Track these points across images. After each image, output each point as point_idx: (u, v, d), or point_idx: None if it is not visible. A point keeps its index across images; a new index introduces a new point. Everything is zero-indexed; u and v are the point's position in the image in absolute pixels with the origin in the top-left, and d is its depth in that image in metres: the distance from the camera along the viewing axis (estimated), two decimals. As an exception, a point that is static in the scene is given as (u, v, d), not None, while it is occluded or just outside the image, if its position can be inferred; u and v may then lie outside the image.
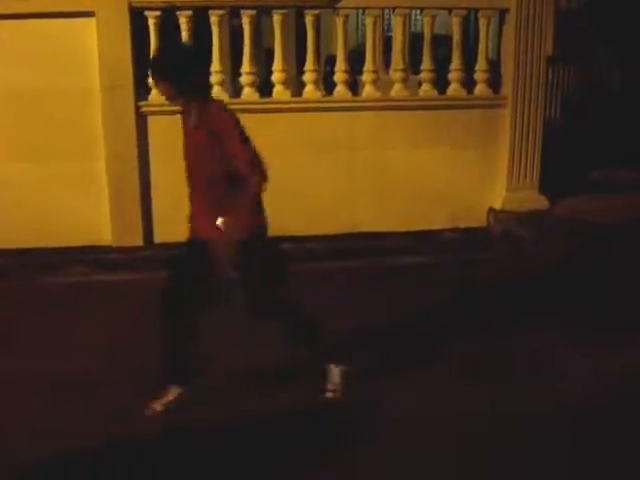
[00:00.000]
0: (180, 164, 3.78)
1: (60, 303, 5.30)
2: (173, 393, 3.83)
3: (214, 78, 6.51)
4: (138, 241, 6.51)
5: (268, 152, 4.16)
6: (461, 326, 4.79)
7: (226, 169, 3.56)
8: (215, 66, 6.48)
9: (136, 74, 6.33)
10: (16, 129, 6.34)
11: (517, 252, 6.41)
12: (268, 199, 4.08)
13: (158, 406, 3.79)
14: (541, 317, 4.88)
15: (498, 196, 7.00)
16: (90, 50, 6.27)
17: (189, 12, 6.35)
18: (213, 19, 6.42)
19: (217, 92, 6.43)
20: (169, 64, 3.60)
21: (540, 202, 7.02)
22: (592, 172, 7.33)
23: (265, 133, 4.30)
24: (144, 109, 6.36)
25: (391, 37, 8.27)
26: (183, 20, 6.35)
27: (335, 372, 3.91)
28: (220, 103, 3.83)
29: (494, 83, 7.02)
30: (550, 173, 7.09)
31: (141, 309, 4.91)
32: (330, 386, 3.91)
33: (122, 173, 6.38)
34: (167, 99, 3.68)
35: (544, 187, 7.06)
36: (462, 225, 6.92)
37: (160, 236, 6.50)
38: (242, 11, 6.49)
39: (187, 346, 3.76)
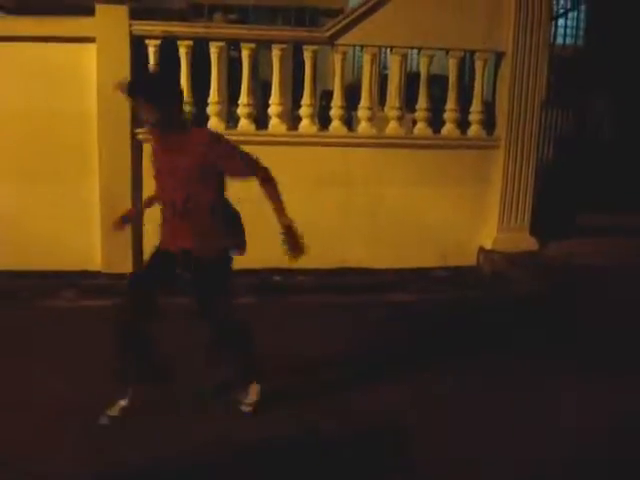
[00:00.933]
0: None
1: (47, 327, 5.25)
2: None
3: (212, 109, 6.56)
4: (127, 268, 6.48)
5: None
6: (440, 365, 4.74)
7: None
8: (213, 97, 6.53)
9: (133, 101, 6.36)
10: (11, 150, 6.34)
11: (506, 292, 6.41)
12: (259, 230, 4.12)
13: None
14: (528, 359, 4.86)
15: (489, 236, 7.05)
16: (89, 75, 6.31)
17: (189, 42, 6.41)
18: (213, 50, 6.47)
19: (214, 123, 6.49)
20: (163, 87, 3.62)
21: (530, 243, 7.07)
22: (583, 215, 7.39)
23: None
24: (140, 136, 6.38)
25: (387, 74, 8.39)
26: (183, 50, 6.41)
27: (255, 389, 4.05)
28: (210, 135, 3.79)
29: (488, 124, 7.09)
30: (541, 215, 7.16)
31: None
32: (248, 401, 4.04)
33: (115, 199, 6.36)
34: (148, 124, 3.65)
35: (535, 228, 7.12)
36: (452, 263, 6.95)
37: (150, 263, 6.47)
38: (242, 44, 6.56)
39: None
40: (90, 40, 6.26)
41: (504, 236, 7.01)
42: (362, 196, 6.83)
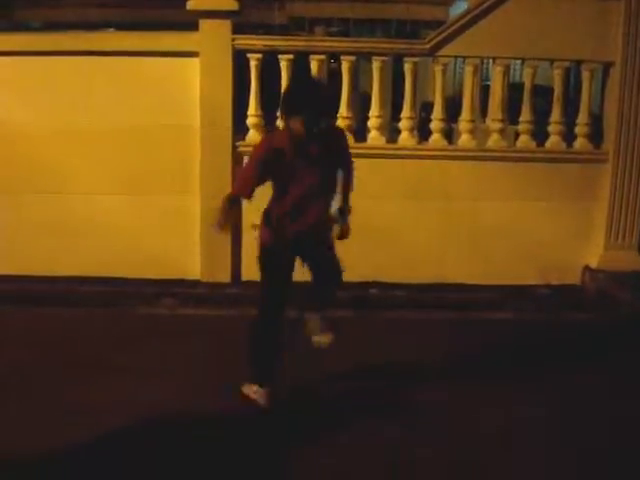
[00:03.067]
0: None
1: (152, 334, 5.38)
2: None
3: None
4: (226, 278, 6.58)
5: (359, 196, 4.22)
6: (540, 391, 4.52)
7: None
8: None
9: (235, 114, 6.47)
10: (116, 163, 6.56)
11: (613, 314, 6.12)
12: (357, 243, 4.10)
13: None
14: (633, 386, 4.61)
15: (594, 254, 6.75)
16: (192, 89, 6.45)
17: (290, 56, 6.46)
18: (313, 64, 6.50)
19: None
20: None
21: (639, 263, 6.73)
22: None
23: (357, 177, 4.28)
24: (241, 149, 6.47)
25: (488, 86, 8.21)
26: (284, 64, 6.47)
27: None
28: None
29: (595, 137, 6.82)
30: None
31: (225, 344, 5.06)
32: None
33: (215, 209, 6.47)
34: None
35: (644, 248, 6.79)
36: (555, 282, 6.69)
37: (247, 274, 6.56)
38: (342, 57, 6.57)
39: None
40: (194, 54, 6.41)
41: (611, 255, 6.69)
42: (461, 210, 6.68)
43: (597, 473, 3.66)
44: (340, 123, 6.38)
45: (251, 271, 6.49)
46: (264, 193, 4.04)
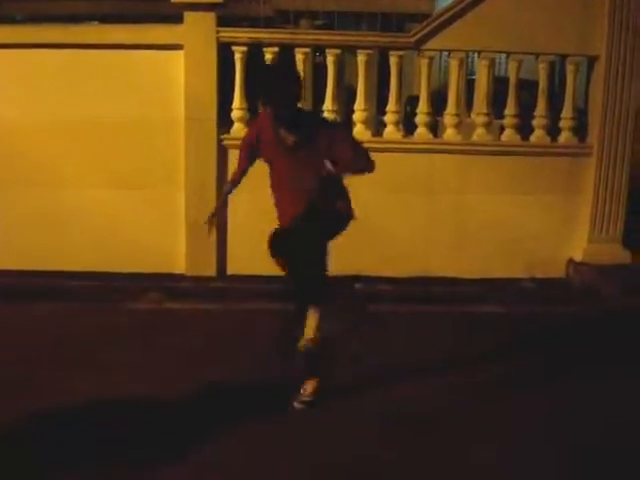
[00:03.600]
0: (257, 197, 4.36)
1: (137, 328, 5.37)
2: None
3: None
4: (211, 271, 6.56)
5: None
6: (518, 382, 4.54)
7: None
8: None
9: (219, 107, 6.44)
10: (101, 157, 6.51)
11: (596, 307, 6.16)
12: (342, 237, 4.10)
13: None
14: (625, 380, 4.63)
15: (579, 247, 6.79)
16: (176, 82, 6.41)
17: (275, 49, 6.44)
18: (298, 57, 6.48)
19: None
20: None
21: (623, 256, 6.77)
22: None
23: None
24: (226, 142, 6.45)
25: (473, 79, 8.22)
26: (269, 57, 6.44)
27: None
28: None
29: (580, 131, 6.85)
30: (634, 226, 6.84)
31: (209, 338, 5.06)
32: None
33: (200, 203, 6.45)
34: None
35: (627, 241, 6.81)
36: (539, 275, 6.72)
37: (233, 268, 6.55)
38: (327, 50, 6.55)
39: None
40: (178, 47, 6.37)
41: (595, 248, 6.73)
42: (447, 203, 6.69)
43: (589, 466, 3.69)
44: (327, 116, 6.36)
45: (236, 265, 6.55)
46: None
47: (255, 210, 5.71)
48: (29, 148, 6.46)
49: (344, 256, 4.37)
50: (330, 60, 6.54)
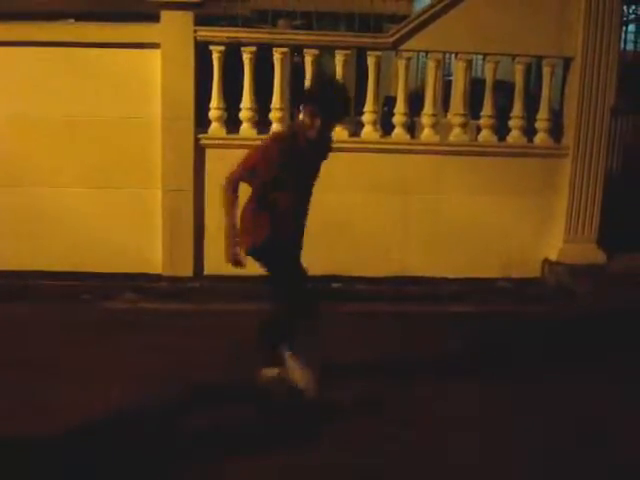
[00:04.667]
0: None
1: (112, 328, 5.34)
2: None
3: (273, 114, 6.54)
4: (188, 272, 6.53)
5: (323, 190, 4.22)
6: (500, 382, 4.58)
7: None
8: (275, 103, 6.52)
9: (197, 106, 6.41)
10: (77, 156, 6.45)
11: (572, 307, 6.22)
12: (319, 237, 4.08)
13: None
14: (592, 376, 4.69)
15: (554, 247, 6.84)
16: (153, 81, 6.36)
17: (253, 48, 6.42)
18: (276, 56, 6.47)
19: (276, 128, 6.46)
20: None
21: (598, 256, 6.83)
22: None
23: (321, 171, 4.28)
24: (203, 141, 6.42)
25: (450, 80, 8.25)
26: (246, 56, 6.42)
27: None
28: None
29: (555, 132, 6.90)
30: (609, 227, 6.91)
31: (185, 338, 5.07)
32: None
33: (177, 203, 6.43)
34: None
35: (602, 241, 6.88)
36: (515, 275, 6.77)
37: (210, 268, 6.52)
38: (305, 49, 6.55)
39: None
40: (155, 46, 6.33)
41: (570, 248, 6.79)
42: (423, 204, 6.71)
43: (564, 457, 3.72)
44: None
45: (214, 265, 6.51)
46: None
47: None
48: (1, 147, 6.39)
49: (321, 255, 4.38)
50: (308, 60, 6.53)
